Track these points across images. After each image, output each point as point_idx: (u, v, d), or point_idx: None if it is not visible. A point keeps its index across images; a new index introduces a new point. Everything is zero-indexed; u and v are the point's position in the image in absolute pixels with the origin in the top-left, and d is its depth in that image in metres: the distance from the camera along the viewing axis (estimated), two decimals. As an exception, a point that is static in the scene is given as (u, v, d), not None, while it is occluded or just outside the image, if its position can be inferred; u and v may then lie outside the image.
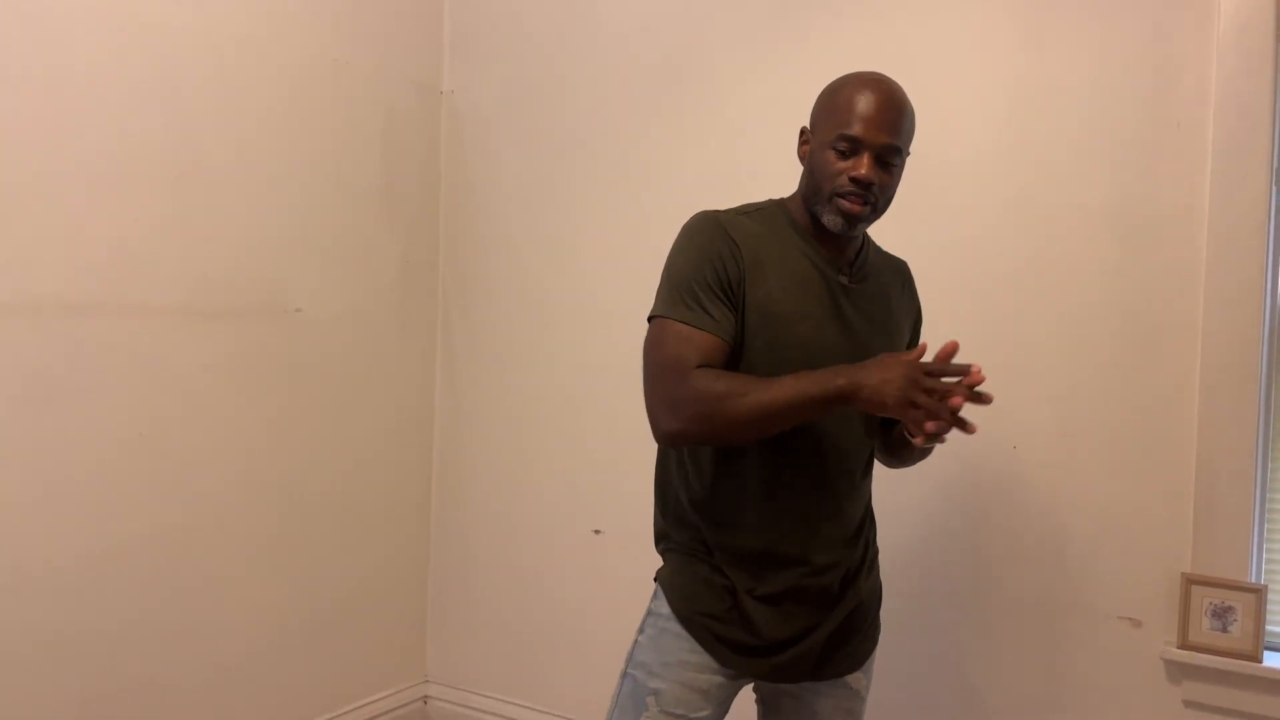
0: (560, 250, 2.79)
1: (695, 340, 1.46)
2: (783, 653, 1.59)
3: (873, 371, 1.36)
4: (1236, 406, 1.99)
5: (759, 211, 1.59)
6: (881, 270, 1.64)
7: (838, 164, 1.47)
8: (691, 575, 1.63)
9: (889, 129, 1.46)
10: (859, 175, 1.45)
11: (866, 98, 1.47)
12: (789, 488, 1.55)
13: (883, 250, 1.70)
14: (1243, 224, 1.98)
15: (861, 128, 1.46)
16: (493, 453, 2.92)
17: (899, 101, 1.48)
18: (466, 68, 2.96)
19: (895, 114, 1.47)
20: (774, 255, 1.53)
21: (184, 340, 2.33)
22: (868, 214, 1.49)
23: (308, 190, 2.60)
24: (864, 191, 1.47)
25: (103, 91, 2.15)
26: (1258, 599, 1.97)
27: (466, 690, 2.95)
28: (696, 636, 1.59)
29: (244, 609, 2.49)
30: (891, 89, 1.49)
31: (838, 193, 1.48)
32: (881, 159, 1.47)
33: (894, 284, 1.66)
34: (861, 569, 1.65)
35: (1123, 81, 2.09)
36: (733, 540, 1.59)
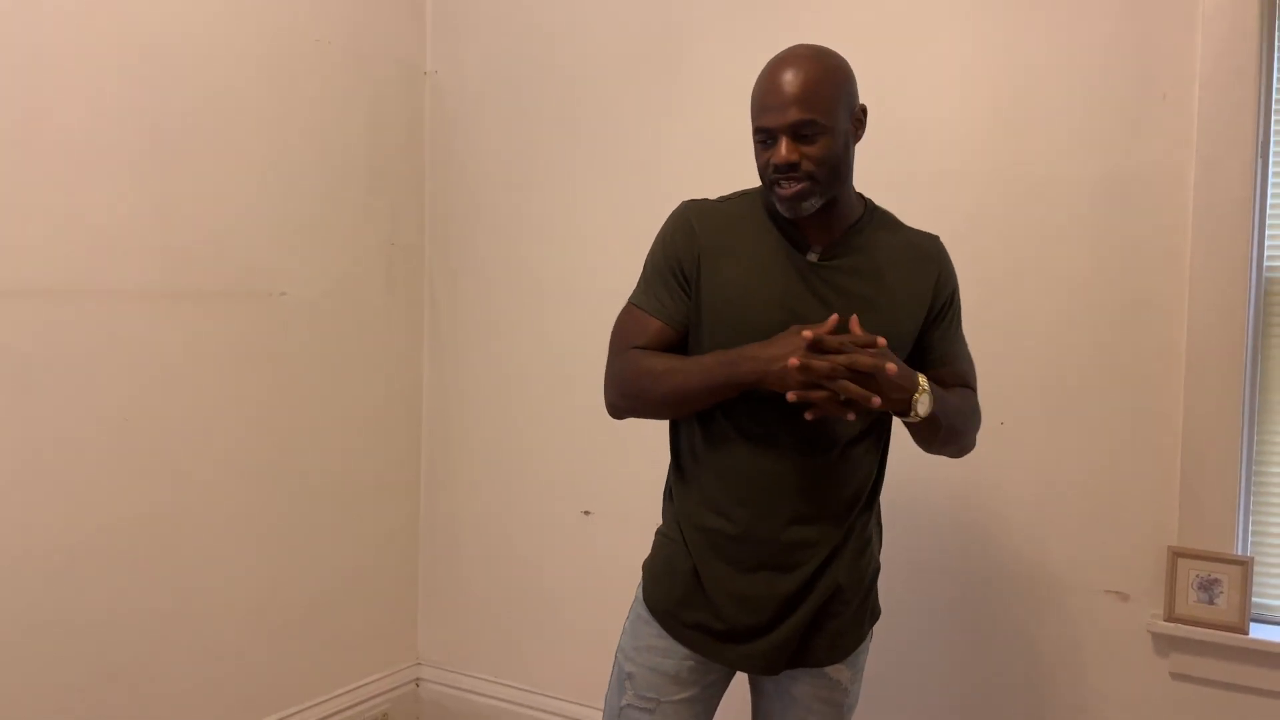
0: (547, 230, 2.78)
1: (643, 324, 1.58)
2: (751, 642, 1.57)
3: (772, 350, 1.42)
4: (1222, 380, 1.98)
5: (742, 197, 1.63)
6: (883, 246, 1.58)
7: (762, 155, 1.50)
8: (660, 559, 1.66)
9: (793, 106, 1.44)
10: (777, 160, 1.46)
11: (766, 83, 1.48)
12: (755, 460, 1.54)
13: (901, 226, 1.64)
14: (1229, 196, 1.97)
15: (766, 116, 1.47)
16: (482, 435, 2.91)
17: (800, 75, 1.45)
18: (450, 47, 2.93)
19: (796, 89, 1.44)
20: (740, 240, 1.56)
21: (167, 325, 2.31)
22: (809, 189, 1.47)
23: (291, 173, 2.58)
24: (789, 173, 1.46)
25: (80, 73, 2.13)
26: (1244, 571, 1.97)
27: (458, 672, 2.96)
28: (661, 622, 1.62)
29: (232, 594, 2.49)
30: (789, 67, 1.46)
31: (771, 181, 1.50)
32: (797, 134, 1.45)
33: (903, 261, 1.58)
34: (841, 553, 1.58)
35: (1109, 54, 2.07)
36: (699, 517, 1.59)
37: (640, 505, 2.62)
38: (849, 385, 1.37)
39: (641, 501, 2.62)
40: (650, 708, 1.62)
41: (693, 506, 1.60)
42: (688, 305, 1.58)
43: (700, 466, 1.60)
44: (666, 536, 1.67)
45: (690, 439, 1.62)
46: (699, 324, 1.57)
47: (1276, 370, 2.01)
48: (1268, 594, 2.03)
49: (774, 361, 1.41)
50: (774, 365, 1.41)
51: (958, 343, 1.65)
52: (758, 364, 1.43)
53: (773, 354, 1.42)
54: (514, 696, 2.85)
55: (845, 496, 1.58)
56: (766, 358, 1.42)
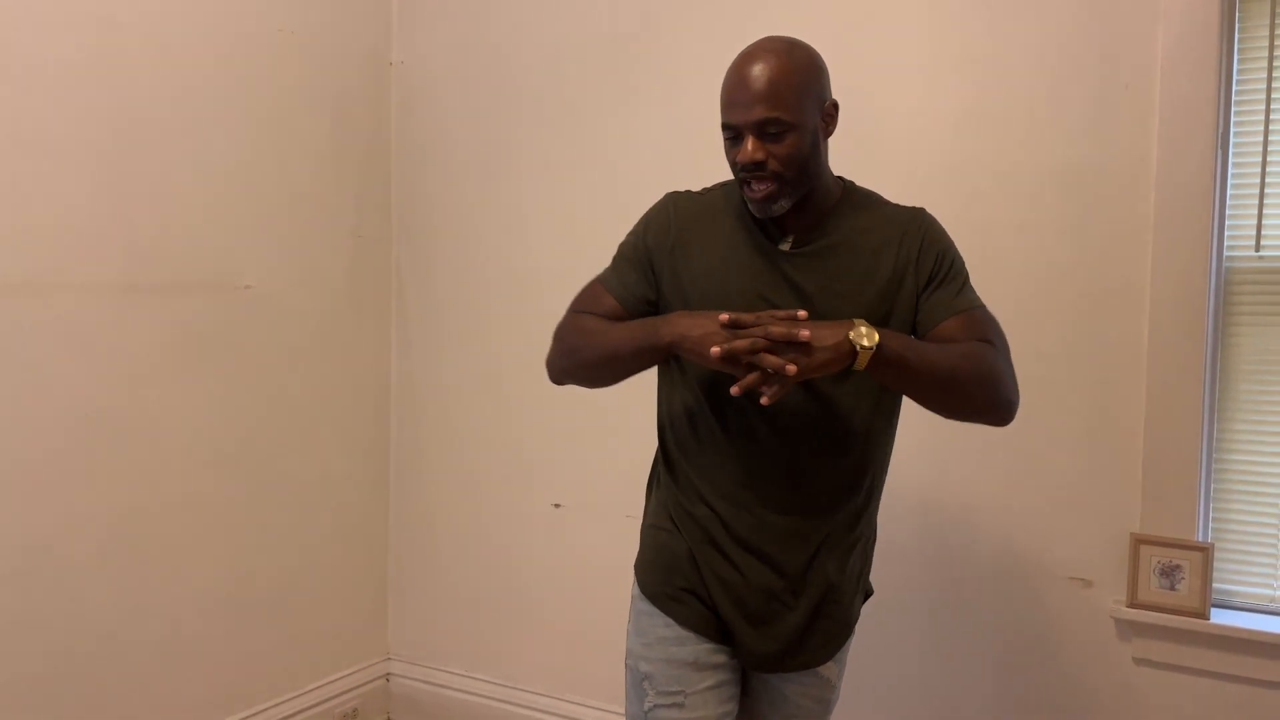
0: (515, 221, 2.76)
1: (599, 297, 1.60)
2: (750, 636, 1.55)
3: (695, 319, 1.41)
4: (1184, 368, 2.00)
5: (722, 188, 1.62)
6: (858, 227, 1.53)
7: (730, 151, 1.47)
8: (653, 548, 1.63)
9: (759, 103, 1.41)
10: (743, 160, 1.44)
11: (733, 78, 1.45)
12: (738, 453, 1.53)
13: (884, 206, 1.59)
14: (1190, 185, 1.99)
15: (732, 113, 1.44)
16: (451, 426, 2.90)
17: (767, 71, 1.42)
18: (416, 38, 2.90)
19: (762, 86, 1.41)
20: (715, 231, 1.56)
21: (129, 319, 2.28)
22: (776, 191, 1.45)
23: (254, 165, 2.54)
24: (756, 173, 1.44)
25: (40, 62, 2.09)
26: (1204, 557, 1.99)
27: (429, 666, 2.94)
28: (665, 609, 1.58)
29: (198, 589, 2.46)
30: (757, 62, 1.43)
31: (740, 179, 1.48)
32: (763, 133, 1.43)
33: (878, 238, 1.53)
34: (831, 549, 1.55)
35: (1073, 44, 2.09)
36: (690, 505, 1.58)
37: (610, 498, 2.62)
38: (766, 356, 1.34)
39: (612, 495, 2.62)
40: (679, 702, 1.55)
41: (682, 497, 1.59)
42: (647, 292, 1.58)
43: (687, 459, 1.58)
44: (656, 527, 1.63)
45: (676, 431, 1.60)
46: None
47: (1237, 359, 2.04)
48: (1228, 580, 2.06)
49: (693, 328, 1.40)
50: (693, 331, 1.39)
51: (955, 306, 1.52)
52: (677, 330, 1.42)
53: (693, 323, 1.41)
54: (485, 690, 2.85)
55: (832, 490, 1.54)
56: (687, 324, 1.41)
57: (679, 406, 1.59)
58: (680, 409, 1.58)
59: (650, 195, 1.70)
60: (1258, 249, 2.00)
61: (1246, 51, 2.01)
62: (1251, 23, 2.00)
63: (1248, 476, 2.04)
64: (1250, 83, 2.01)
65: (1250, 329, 2.02)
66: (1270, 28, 1.98)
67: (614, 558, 2.46)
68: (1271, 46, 1.98)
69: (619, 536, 2.52)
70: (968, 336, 1.49)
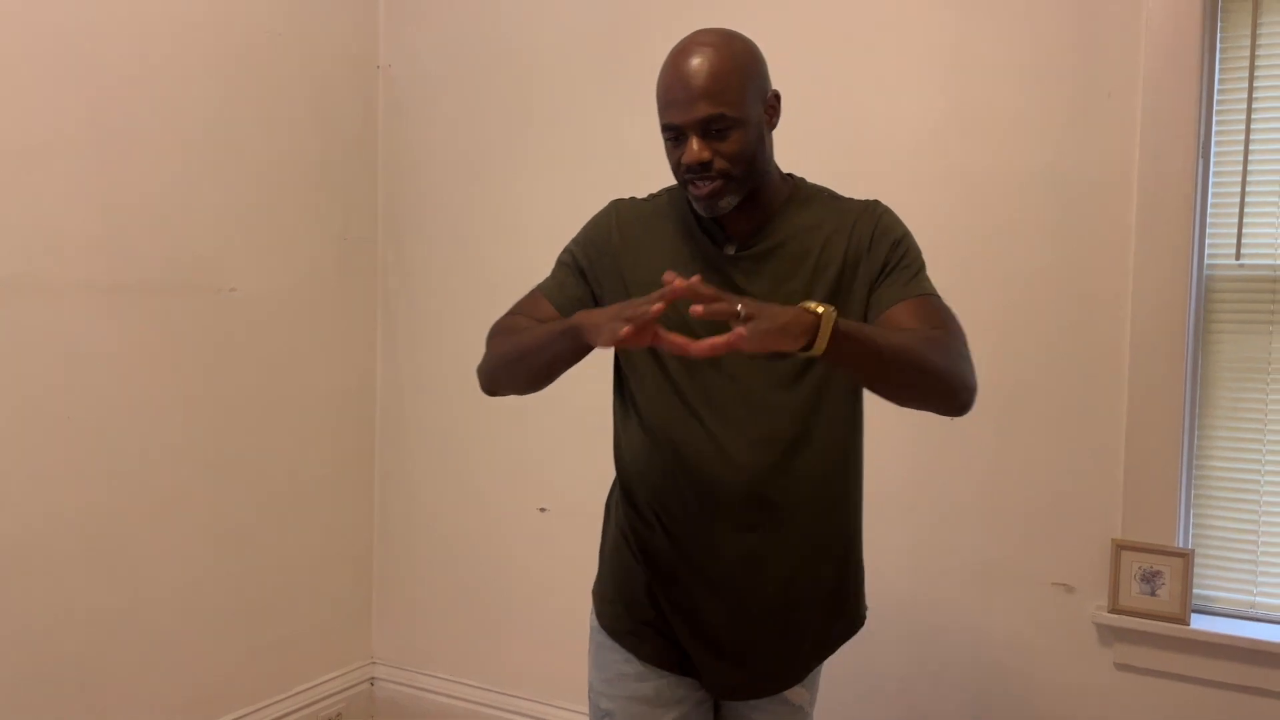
0: (502, 224, 2.77)
1: (535, 304, 1.53)
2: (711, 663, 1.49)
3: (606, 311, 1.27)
4: (1165, 375, 2.02)
5: (668, 193, 1.56)
6: (807, 225, 1.46)
7: (673, 153, 1.40)
8: (609, 578, 1.57)
9: (703, 100, 1.34)
10: (687, 160, 1.36)
11: (671, 77, 1.37)
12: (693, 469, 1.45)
13: (835, 201, 1.50)
14: (1171, 192, 2.00)
15: (673, 113, 1.37)
16: (436, 430, 2.89)
17: (708, 66, 1.34)
18: (403, 41, 2.90)
19: (704, 82, 1.34)
20: (658, 239, 1.50)
21: (113, 320, 2.27)
22: (723, 188, 1.38)
23: (241, 167, 2.54)
24: (701, 172, 1.37)
25: (24, 61, 2.08)
26: (1185, 563, 2.01)
27: (414, 671, 2.94)
28: (624, 644, 1.52)
29: (181, 593, 2.45)
30: (696, 57, 1.35)
31: (685, 180, 1.41)
32: (707, 131, 1.35)
33: (833, 231, 1.45)
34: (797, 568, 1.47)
35: (1056, 51, 2.10)
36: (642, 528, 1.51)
37: (596, 502, 2.59)
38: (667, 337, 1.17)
39: (597, 499, 2.60)
40: None
41: (639, 523, 1.52)
42: (586, 301, 1.52)
43: (643, 484, 1.51)
44: (614, 554, 1.57)
45: (631, 456, 1.53)
46: None
47: (1217, 366, 2.05)
48: (1208, 586, 2.07)
49: (601, 315, 1.26)
50: (599, 318, 1.26)
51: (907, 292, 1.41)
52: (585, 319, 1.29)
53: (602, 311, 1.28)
54: (470, 695, 2.84)
55: (793, 509, 1.45)
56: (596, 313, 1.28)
57: (634, 432, 1.52)
58: (635, 434, 1.52)
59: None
60: (1238, 258, 2.02)
61: (1228, 62, 2.03)
62: (1233, 33, 2.02)
63: (1227, 483, 2.05)
64: (1231, 93, 2.03)
65: (1230, 336, 2.04)
66: (1251, 38, 2.00)
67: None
68: (1253, 57, 2.00)
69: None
70: (920, 323, 1.37)
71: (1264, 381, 2.02)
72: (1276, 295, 2.00)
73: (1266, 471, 2.02)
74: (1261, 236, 2.01)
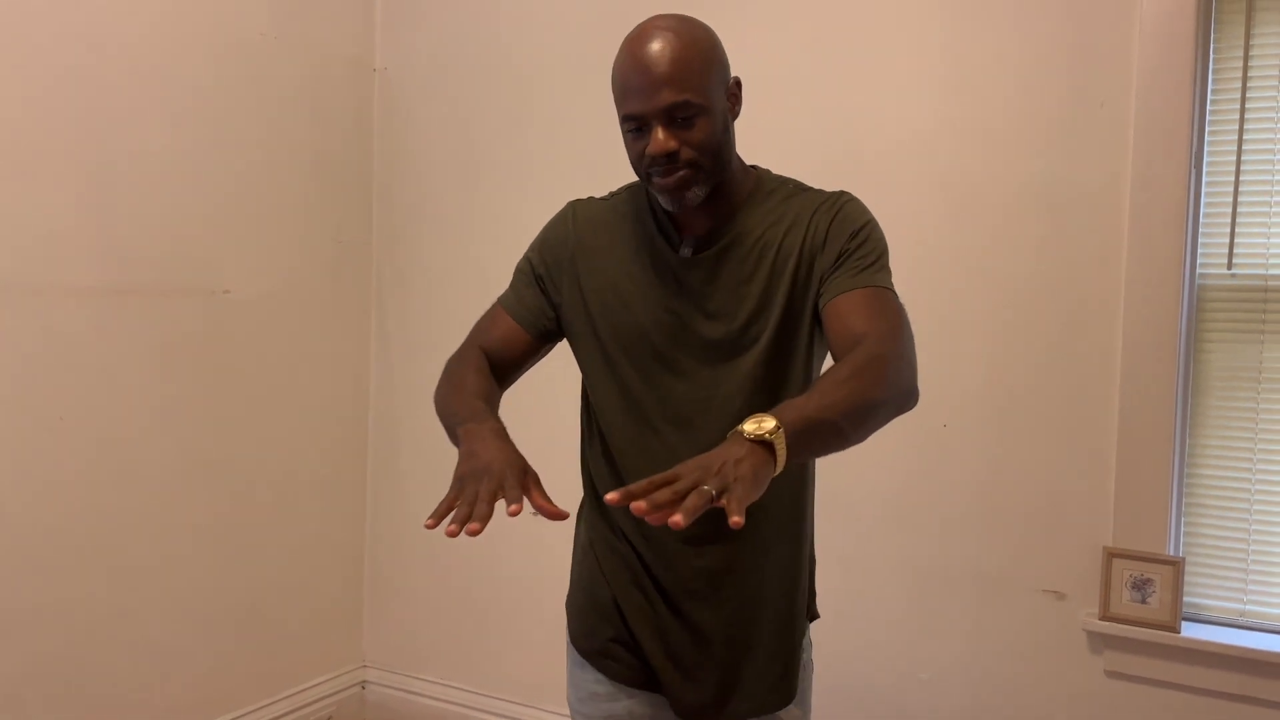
0: (495, 228, 2.77)
1: (496, 319, 1.51)
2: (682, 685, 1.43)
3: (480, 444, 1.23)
4: (1156, 384, 2.03)
5: (628, 191, 1.50)
6: (767, 220, 1.38)
7: (635, 145, 1.32)
8: (580, 591, 1.53)
9: (666, 87, 1.26)
10: (653, 151, 1.28)
11: (630, 65, 1.29)
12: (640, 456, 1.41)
13: (800, 192, 1.41)
14: (1163, 203, 2.01)
15: (635, 101, 1.28)
16: (429, 433, 2.88)
17: (669, 52, 1.27)
18: (399, 44, 2.91)
19: (666, 68, 1.26)
20: (615, 241, 1.44)
21: (106, 322, 2.27)
22: (691, 177, 1.30)
23: (235, 169, 2.54)
24: (666, 163, 1.29)
25: (19, 63, 2.08)
26: (1175, 571, 2.01)
27: (405, 674, 2.93)
28: (595, 664, 1.48)
29: (172, 595, 2.44)
30: (655, 43, 1.28)
31: (648, 173, 1.32)
32: (671, 119, 1.27)
33: (785, 227, 1.37)
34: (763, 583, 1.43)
35: (1049, 62, 2.11)
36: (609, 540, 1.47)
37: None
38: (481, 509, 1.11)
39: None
40: None
41: (608, 533, 1.48)
42: (545, 310, 1.48)
43: (601, 489, 1.46)
44: (583, 566, 1.53)
45: (595, 465, 1.49)
46: (576, 332, 1.46)
47: (1209, 375, 2.06)
48: (1199, 594, 2.08)
49: (465, 458, 1.22)
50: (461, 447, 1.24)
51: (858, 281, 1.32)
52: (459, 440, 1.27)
53: (469, 449, 1.23)
54: (462, 699, 2.84)
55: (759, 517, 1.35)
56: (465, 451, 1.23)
57: (596, 444, 1.48)
58: (597, 446, 1.48)
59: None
60: (1229, 267, 2.03)
61: (1221, 73, 2.04)
62: (1226, 44, 2.03)
63: (1218, 492, 2.06)
64: (1224, 103, 2.04)
65: (1222, 345, 2.05)
66: (1244, 49, 2.01)
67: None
68: (1245, 68, 2.01)
69: (597, 545, 2.51)
70: (864, 320, 1.28)
71: (1254, 391, 2.03)
72: (1267, 305, 2.01)
73: (1257, 481, 2.03)
74: (1253, 246, 2.02)
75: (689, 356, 1.39)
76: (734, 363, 1.37)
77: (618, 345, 1.41)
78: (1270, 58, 2.00)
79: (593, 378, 1.46)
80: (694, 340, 1.38)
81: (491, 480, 1.15)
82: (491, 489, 1.13)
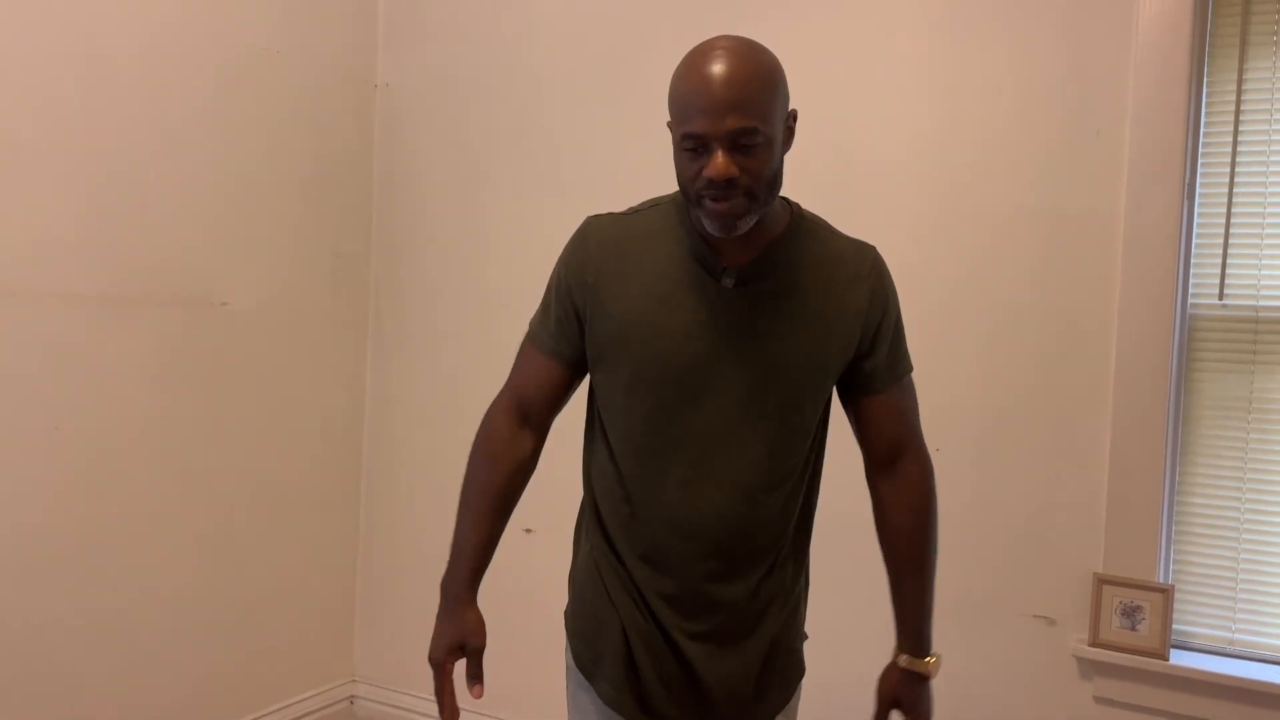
0: (494, 244, 2.78)
1: (532, 361, 1.50)
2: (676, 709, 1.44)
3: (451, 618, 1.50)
4: (1147, 412, 2.04)
5: (653, 209, 1.45)
6: (810, 265, 1.38)
7: (692, 165, 1.27)
8: (583, 611, 1.52)
9: (732, 111, 1.23)
10: (712, 174, 1.24)
11: (699, 83, 1.24)
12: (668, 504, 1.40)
13: (833, 238, 1.43)
14: (1156, 231, 2.03)
15: (700, 121, 1.24)
16: (424, 448, 2.89)
17: (740, 74, 1.24)
18: (402, 60, 2.92)
19: (736, 91, 1.23)
20: (643, 263, 1.39)
21: (104, 332, 2.27)
22: (744, 206, 1.27)
23: (236, 182, 2.55)
24: (724, 189, 1.25)
25: (24, 74, 2.09)
26: (1165, 599, 2.02)
27: (395, 690, 2.92)
28: (597, 688, 1.47)
29: (161, 606, 2.44)
30: (726, 64, 1.24)
31: (700, 195, 1.28)
32: (735, 144, 1.24)
33: (833, 280, 1.39)
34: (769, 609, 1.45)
35: (1045, 91, 2.13)
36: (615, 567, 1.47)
37: (581, 524, 2.62)
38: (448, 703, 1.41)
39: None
40: None
41: (611, 554, 1.47)
42: (575, 340, 1.44)
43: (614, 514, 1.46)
44: (586, 585, 1.51)
45: (602, 485, 1.48)
46: (598, 359, 1.42)
47: (1199, 404, 2.07)
48: (1188, 621, 2.08)
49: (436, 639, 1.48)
50: (442, 640, 1.48)
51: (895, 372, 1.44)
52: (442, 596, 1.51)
53: (437, 639, 1.48)
54: (450, 714, 2.83)
55: (760, 547, 1.42)
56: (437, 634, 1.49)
57: (604, 463, 1.47)
58: (604, 465, 1.46)
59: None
60: (1221, 297, 2.05)
61: (1214, 104, 2.06)
62: (1219, 76, 2.05)
63: (1208, 520, 2.07)
64: (1217, 134, 2.06)
65: (1213, 375, 2.06)
66: (1237, 82, 2.04)
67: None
68: (1238, 100, 2.04)
69: (589, 563, 2.51)
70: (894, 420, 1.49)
71: (1244, 420, 2.04)
72: (1258, 335, 2.03)
73: (1246, 509, 2.04)
74: (1244, 277, 2.04)
75: (716, 390, 1.36)
76: (762, 402, 1.36)
77: (642, 371, 1.37)
78: (1262, 90, 2.02)
79: (609, 401, 1.43)
80: (726, 373, 1.36)
81: (447, 679, 1.43)
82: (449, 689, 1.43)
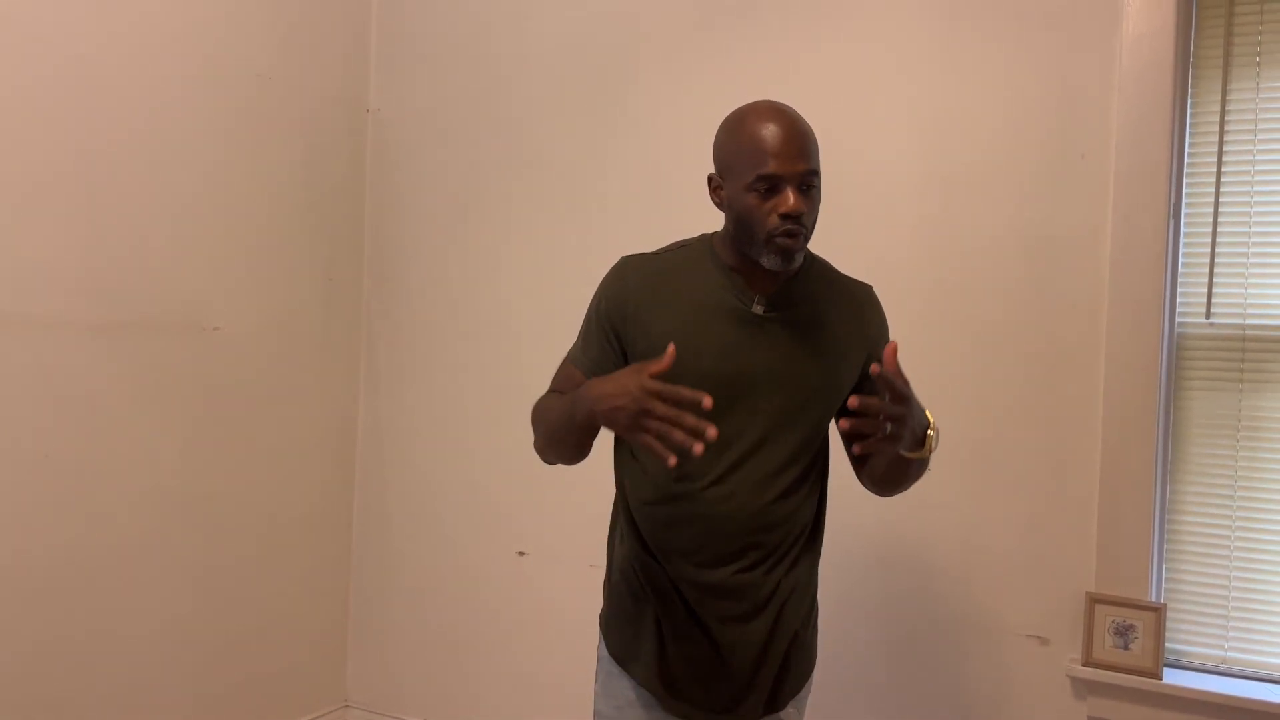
0: (485, 268, 2.79)
1: (570, 377, 1.59)
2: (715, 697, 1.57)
3: (608, 385, 1.38)
4: (1137, 432, 2.05)
5: (683, 249, 1.61)
6: (823, 297, 1.58)
7: (763, 205, 1.45)
8: (618, 606, 1.64)
9: (802, 155, 1.44)
10: (789, 210, 1.43)
11: (772, 131, 1.44)
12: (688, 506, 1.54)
13: (837, 275, 1.64)
14: (1143, 252, 2.05)
15: (777, 163, 1.43)
16: (416, 472, 2.89)
17: (802, 125, 1.46)
18: (393, 86, 2.94)
19: (803, 139, 1.45)
20: (678, 293, 1.54)
21: (96, 357, 2.27)
22: (804, 241, 1.48)
23: (228, 207, 2.56)
24: (796, 225, 1.44)
25: (14, 99, 2.10)
26: (1157, 618, 2.03)
27: (388, 714, 2.91)
28: (631, 673, 1.60)
29: (153, 631, 2.42)
30: (792, 116, 1.47)
31: (773, 234, 1.45)
32: (802, 186, 1.45)
33: (843, 311, 1.60)
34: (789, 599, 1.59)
35: (1032, 113, 2.15)
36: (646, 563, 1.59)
37: (575, 547, 2.62)
38: (673, 433, 1.31)
39: (576, 543, 2.62)
40: None
41: (644, 554, 1.59)
42: (618, 362, 1.56)
43: (646, 516, 1.59)
44: (621, 584, 1.64)
45: (634, 485, 1.60)
46: None
47: (1188, 423, 2.09)
48: (1180, 640, 2.09)
49: (601, 401, 1.37)
50: (601, 405, 1.37)
51: None
52: (589, 404, 1.40)
53: (602, 392, 1.38)
54: (444, 739, 2.81)
55: (783, 541, 1.57)
56: (595, 396, 1.39)
57: (638, 471, 1.59)
58: (639, 474, 1.59)
59: (621, 248, 1.69)
60: (1208, 317, 2.06)
61: (1198, 125, 2.08)
62: (1204, 98, 2.08)
63: (1199, 539, 2.08)
64: (1202, 155, 2.08)
65: (1201, 394, 2.08)
66: (1221, 103, 2.06)
67: (577, 606, 2.46)
68: (1222, 121, 2.06)
69: (582, 585, 2.50)
70: None
71: (1233, 439, 2.05)
72: (1245, 354, 2.04)
73: (1237, 528, 2.05)
74: (1231, 296, 2.06)
75: (748, 403, 1.52)
76: (787, 414, 1.54)
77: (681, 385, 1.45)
78: (1246, 112, 2.05)
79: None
80: (757, 388, 1.52)
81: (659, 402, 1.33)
82: (667, 413, 1.32)
